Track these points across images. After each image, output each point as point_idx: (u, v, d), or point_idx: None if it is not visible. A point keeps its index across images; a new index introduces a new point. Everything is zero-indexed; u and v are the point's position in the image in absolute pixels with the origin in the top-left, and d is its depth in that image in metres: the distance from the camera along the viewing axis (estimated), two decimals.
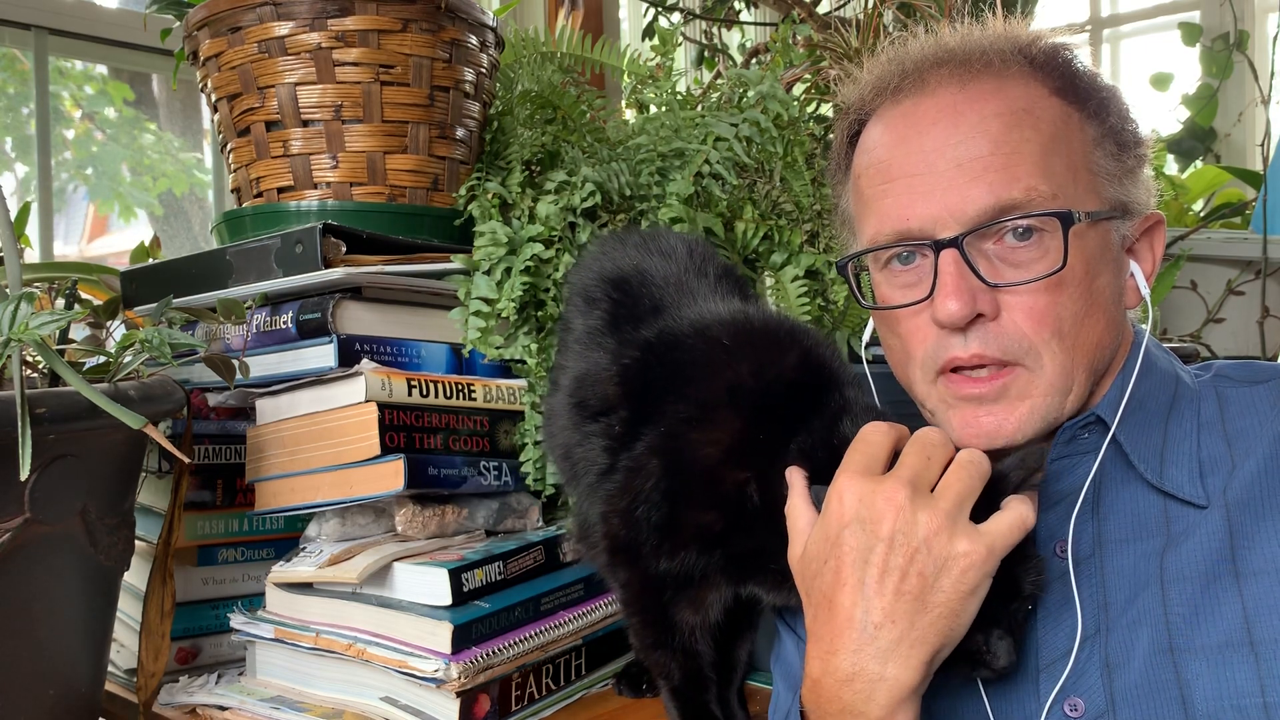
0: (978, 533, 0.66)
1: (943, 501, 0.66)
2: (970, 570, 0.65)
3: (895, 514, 0.66)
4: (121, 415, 0.77)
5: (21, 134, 2.69)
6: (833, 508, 0.69)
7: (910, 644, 0.65)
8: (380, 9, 1.16)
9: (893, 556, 0.66)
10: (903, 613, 0.65)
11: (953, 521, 0.66)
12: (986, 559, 0.65)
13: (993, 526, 0.66)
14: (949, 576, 0.65)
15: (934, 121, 0.76)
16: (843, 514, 0.68)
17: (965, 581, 0.65)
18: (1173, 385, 0.79)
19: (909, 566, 0.65)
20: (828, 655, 0.67)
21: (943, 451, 0.69)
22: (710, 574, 0.85)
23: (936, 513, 0.66)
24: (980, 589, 0.66)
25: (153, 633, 1.01)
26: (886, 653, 0.65)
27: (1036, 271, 0.73)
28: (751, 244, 1.22)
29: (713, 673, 0.92)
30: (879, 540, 0.66)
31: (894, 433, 0.71)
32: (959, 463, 0.68)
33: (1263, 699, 0.66)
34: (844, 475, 0.69)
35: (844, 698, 0.66)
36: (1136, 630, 0.71)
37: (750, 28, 2.79)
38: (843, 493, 0.69)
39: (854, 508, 0.68)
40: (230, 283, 1.14)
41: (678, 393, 0.84)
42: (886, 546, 0.66)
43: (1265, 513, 0.70)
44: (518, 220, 1.16)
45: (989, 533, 0.66)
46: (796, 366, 0.84)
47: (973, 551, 0.65)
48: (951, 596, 0.65)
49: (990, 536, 0.66)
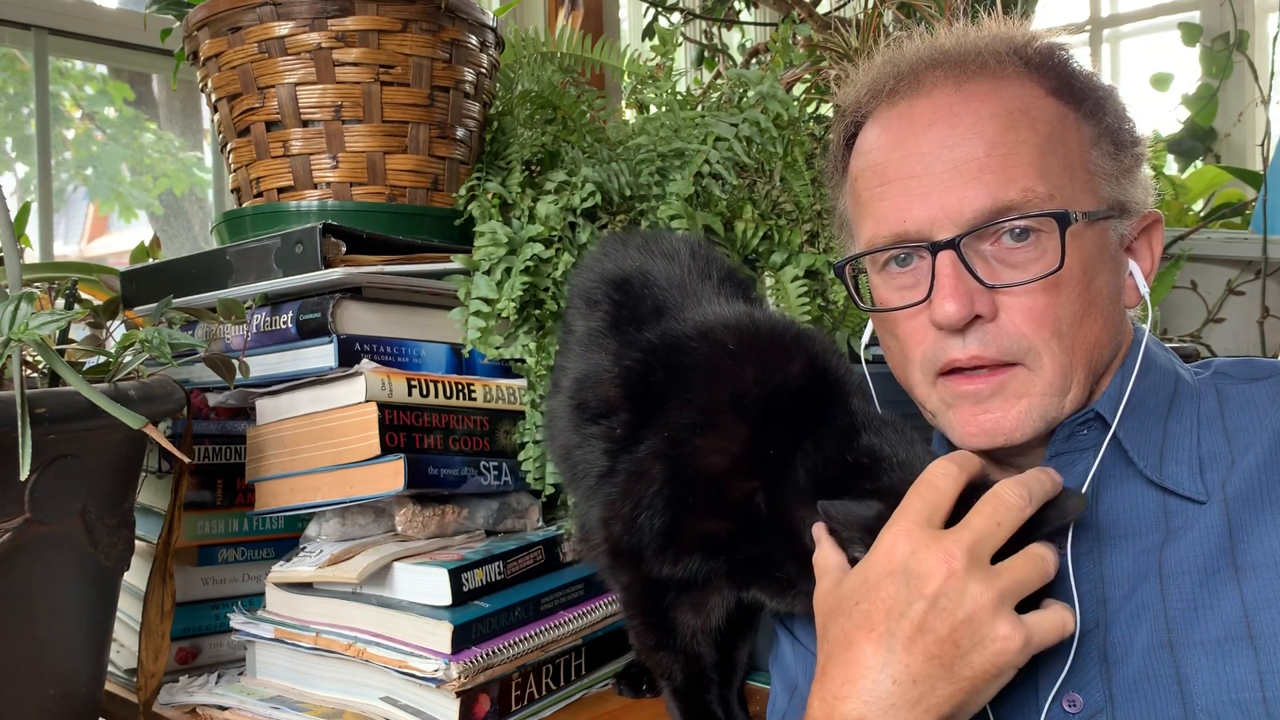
0: (1020, 621, 0.64)
1: (999, 581, 0.64)
2: (1004, 656, 0.63)
3: (947, 576, 0.64)
4: (121, 415, 0.77)
5: (21, 134, 2.69)
6: (881, 552, 0.67)
7: (925, 708, 0.63)
8: (380, 9, 1.16)
9: (932, 618, 0.64)
10: (926, 676, 0.63)
11: (1001, 602, 0.64)
12: (1022, 650, 0.63)
13: (1036, 622, 0.65)
14: (982, 655, 0.63)
15: (930, 123, 0.76)
16: (890, 562, 0.66)
17: (996, 665, 0.63)
18: (1172, 383, 0.79)
19: (946, 634, 0.63)
20: (834, 700, 0.65)
21: (1017, 517, 0.66)
22: (713, 579, 0.85)
23: (990, 589, 0.63)
24: (1005, 675, 0.64)
25: (153, 633, 1.01)
26: (899, 710, 0.63)
27: (1034, 272, 0.73)
28: (751, 244, 1.22)
29: (714, 673, 0.92)
30: (922, 598, 0.64)
31: (963, 477, 0.68)
32: (1030, 553, 0.66)
33: (1262, 693, 0.66)
34: (902, 522, 0.67)
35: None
36: (1135, 625, 0.71)
37: (750, 28, 2.79)
38: (896, 540, 0.66)
39: (904, 558, 0.65)
40: (230, 283, 1.14)
41: (681, 397, 0.84)
42: (928, 606, 0.64)
43: (1264, 507, 0.71)
44: (518, 220, 1.16)
45: (1031, 626, 0.64)
46: (802, 373, 0.83)
47: (1012, 638, 0.63)
48: (979, 674, 0.63)
49: (1030, 630, 0.64)
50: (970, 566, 0.64)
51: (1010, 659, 0.63)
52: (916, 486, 0.68)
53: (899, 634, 0.64)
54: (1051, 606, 0.66)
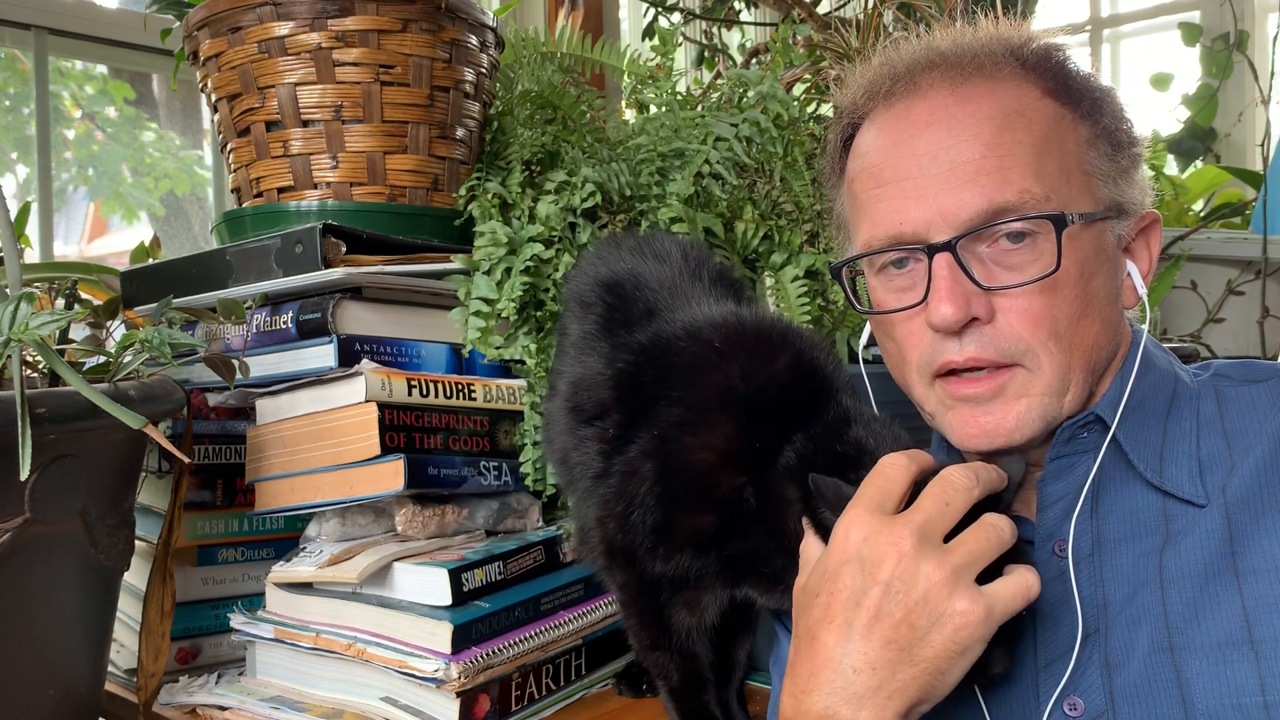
0: (979, 593, 0.63)
1: (952, 557, 0.64)
2: (964, 630, 0.62)
3: (898, 560, 0.64)
4: (121, 415, 0.77)
5: (22, 134, 2.69)
6: (836, 542, 0.67)
7: (888, 694, 0.63)
8: (380, 9, 1.16)
9: (887, 603, 0.63)
10: (885, 661, 0.63)
11: (956, 578, 0.63)
12: (984, 621, 0.63)
13: (995, 590, 0.64)
14: (940, 633, 0.63)
15: (926, 125, 0.75)
16: (845, 550, 0.66)
17: (957, 641, 0.63)
18: (1171, 384, 0.79)
19: (902, 616, 0.63)
20: (801, 695, 0.65)
21: (965, 497, 0.66)
22: (705, 576, 0.85)
23: (942, 566, 0.63)
24: (971, 651, 0.63)
25: (153, 633, 1.01)
26: (862, 699, 0.63)
27: (1030, 274, 0.73)
28: (751, 244, 1.22)
29: (711, 673, 0.92)
30: (876, 584, 0.64)
31: (913, 467, 0.68)
32: (982, 524, 0.66)
33: (1263, 697, 0.66)
34: (853, 510, 0.67)
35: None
36: (1136, 629, 0.71)
37: (750, 28, 2.80)
38: (849, 528, 0.67)
39: (857, 546, 0.66)
40: (230, 283, 1.14)
41: (670, 396, 0.84)
42: (882, 591, 0.64)
43: (1265, 510, 0.70)
44: (518, 220, 1.16)
45: (991, 595, 0.63)
46: (788, 369, 0.83)
47: (970, 611, 0.62)
48: (940, 653, 0.63)
49: (991, 599, 0.63)
50: (920, 546, 0.64)
51: (972, 632, 0.63)
52: (869, 477, 0.69)
53: (856, 623, 0.64)
54: (1013, 571, 0.65)
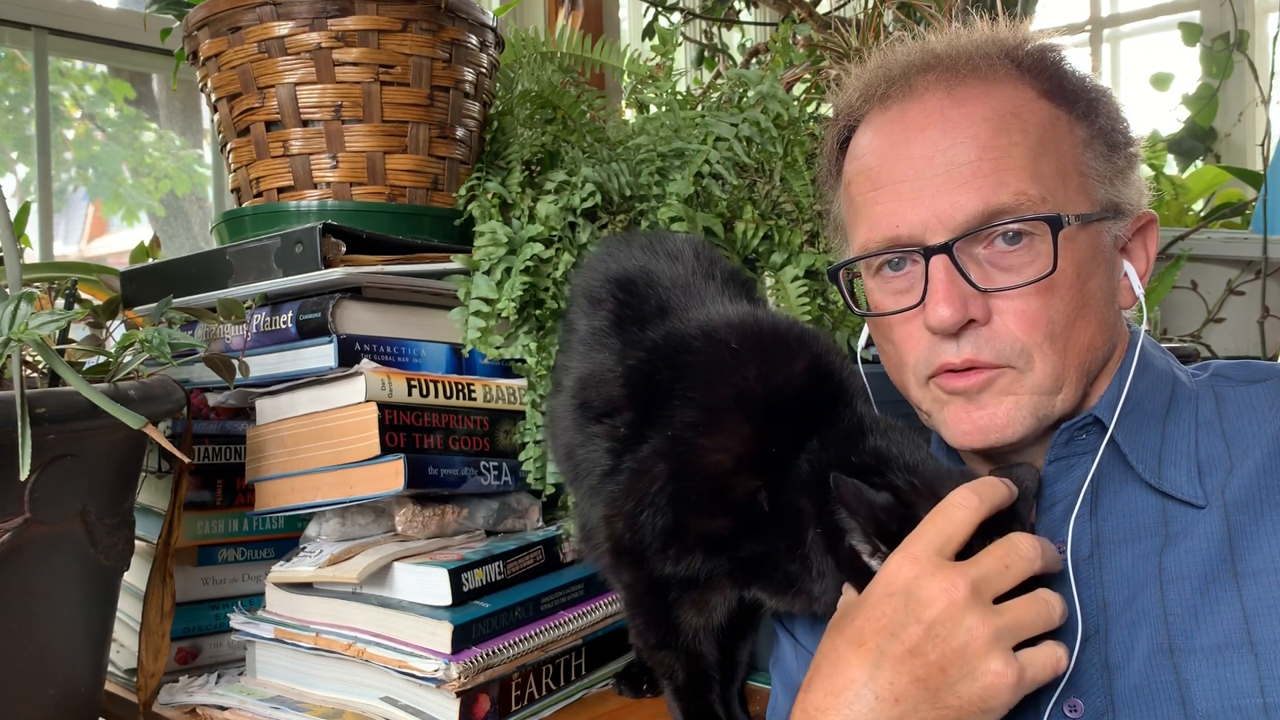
0: (1014, 659, 0.64)
1: (999, 619, 0.64)
2: (992, 691, 0.63)
3: (947, 605, 0.64)
4: (121, 415, 0.77)
5: (22, 134, 2.69)
6: (886, 573, 0.67)
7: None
8: (380, 9, 1.16)
9: (926, 644, 0.64)
10: (911, 698, 0.64)
11: (998, 639, 0.64)
12: (1014, 686, 0.63)
13: (1029, 658, 0.64)
14: (970, 687, 0.63)
15: (922, 127, 0.75)
16: (893, 584, 0.66)
17: (985, 699, 0.63)
18: (1170, 385, 0.79)
19: (937, 660, 0.63)
20: (815, 712, 0.65)
21: (1026, 566, 0.66)
22: (715, 577, 0.85)
23: (986, 624, 0.63)
24: (994, 714, 0.64)
25: (153, 633, 1.01)
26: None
27: (1027, 275, 0.73)
28: (751, 244, 1.22)
29: (716, 672, 0.92)
30: (918, 622, 0.64)
31: (983, 509, 0.67)
32: (1037, 596, 0.66)
33: (1262, 699, 0.66)
34: (912, 548, 0.67)
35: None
36: (1135, 631, 0.71)
37: (750, 28, 2.80)
38: (902, 564, 0.66)
39: (906, 582, 0.66)
40: (230, 283, 1.14)
41: (684, 396, 0.84)
42: (923, 631, 0.64)
43: (1264, 512, 0.70)
44: (518, 220, 1.16)
45: (1024, 662, 0.64)
46: (805, 373, 0.83)
47: (1004, 674, 0.63)
48: (964, 705, 0.63)
49: (1023, 665, 0.64)
50: (971, 600, 0.64)
51: (1001, 695, 0.63)
52: (933, 514, 0.68)
53: (889, 652, 0.64)
54: (1047, 643, 0.66)
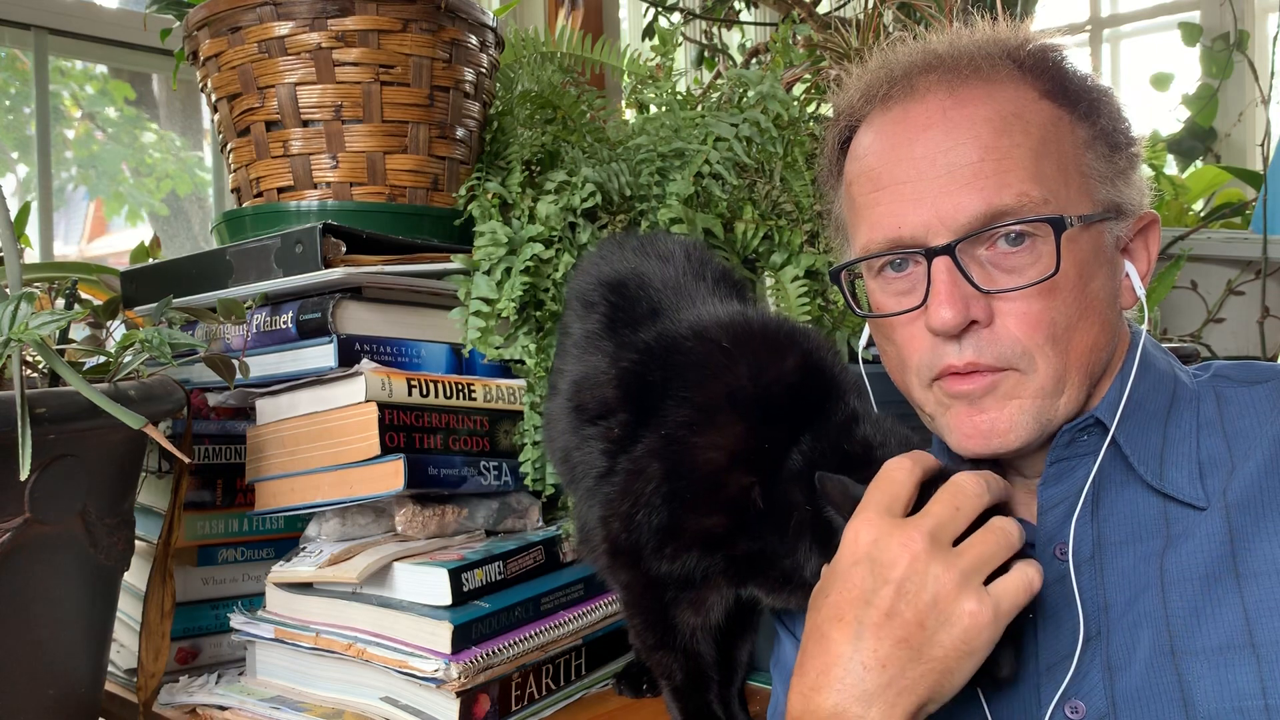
0: (986, 594, 0.64)
1: (961, 560, 0.65)
2: (973, 631, 0.64)
3: (910, 561, 0.65)
4: (121, 415, 0.77)
5: (22, 134, 2.69)
6: (847, 544, 0.68)
7: (898, 691, 0.64)
8: (380, 9, 1.16)
9: (898, 603, 0.64)
10: (896, 660, 0.64)
11: (965, 580, 0.64)
12: (992, 622, 0.64)
13: (1000, 588, 0.65)
14: (950, 633, 0.64)
15: (924, 128, 0.75)
16: (855, 551, 0.67)
17: (966, 641, 0.64)
18: (1171, 386, 0.79)
19: (912, 616, 0.64)
20: (810, 692, 0.66)
21: (975, 503, 0.67)
22: (712, 576, 0.85)
23: (951, 569, 0.64)
24: (980, 652, 0.65)
25: (153, 633, 1.01)
26: (872, 696, 0.64)
27: (1029, 277, 0.72)
28: (751, 244, 1.22)
29: (714, 672, 0.92)
30: (887, 584, 0.65)
31: (917, 469, 0.69)
32: (990, 527, 0.67)
33: (1264, 701, 0.66)
34: (863, 513, 0.68)
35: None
36: (1137, 632, 0.71)
37: (750, 28, 2.80)
38: (859, 531, 0.67)
39: (867, 547, 0.67)
40: (230, 283, 1.14)
41: (677, 396, 0.84)
42: (894, 591, 0.65)
43: (1265, 513, 0.70)
44: (518, 220, 1.16)
45: (996, 594, 0.65)
46: (796, 369, 0.83)
47: (979, 612, 0.64)
48: (949, 653, 0.64)
49: (997, 598, 0.64)
50: (932, 549, 0.65)
51: (981, 633, 0.64)
52: (875, 480, 0.70)
53: (867, 621, 0.65)
54: (1015, 567, 0.66)
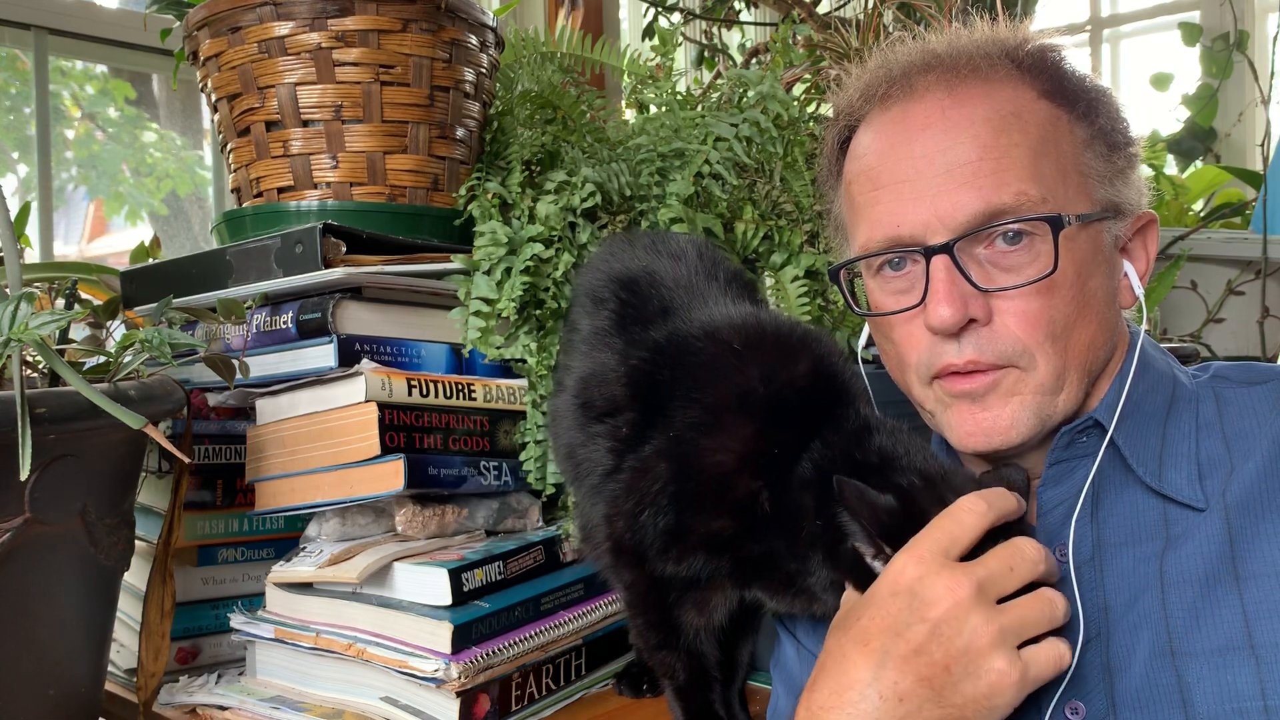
0: (1018, 657, 0.64)
1: (1003, 618, 0.64)
2: (998, 690, 0.63)
3: (952, 605, 0.64)
4: (121, 415, 0.77)
5: (23, 134, 2.69)
6: (891, 573, 0.67)
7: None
8: (380, 9, 1.16)
9: (931, 642, 0.64)
10: (916, 697, 0.64)
11: (1002, 639, 0.64)
12: (1017, 685, 0.63)
13: (1032, 656, 0.64)
14: (974, 686, 0.63)
15: (923, 127, 0.75)
16: (897, 582, 0.66)
17: (990, 698, 0.63)
18: (1170, 386, 0.79)
19: (941, 659, 0.63)
20: (820, 710, 0.66)
21: (1030, 569, 0.66)
22: (717, 577, 0.85)
23: (991, 623, 0.64)
24: (999, 711, 0.64)
25: (153, 633, 1.01)
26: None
27: (1028, 275, 0.73)
28: (751, 244, 1.22)
29: (717, 672, 0.92)
30: (924, 621, 0.64)
31: (991, 515, 0.68)
32: (1040, 595, 0.66)
33: (1263, 702, 0.66)
34: (918, 548, 0.67)
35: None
36: (1137, 633, 0.71)
37: (750, 28, 2.80)
38: (907, 564, 0.66)
39: (911, 582, 0.66)
40: (230, 283, 1.14)
41: (687, 396, 0.84)
42: (928, 631, 0.64)
43: (1265, 515, 0.70)
44: (518, 220, 1.16)
45: (1027, 660, 0.64)
46: (808, 374, 0.83)
47: (1008, 673, 0.63)
48: (969, 704, 0.63)
49: (1026, 664, 0.64)
50: (976, 600, 0.64)
51: (1005, 694, 0.63)
52: (941, 517, 0.68)
53: (893, 651, 0.64)
54: (1049, 640, 0.66)
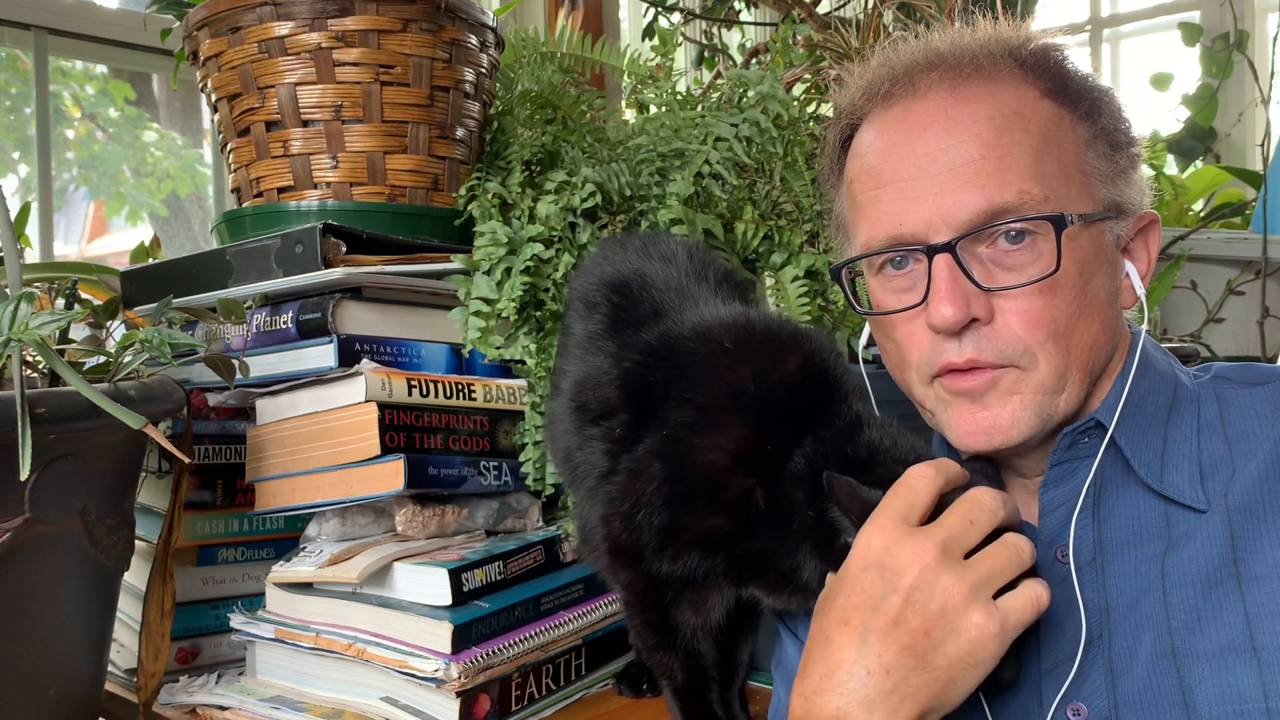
0: (995, 608, 0.64)
1: (972, 573, 0.65)
2: (979, 643, 0.64)
3: (920, 570, 0.64)
4: (121, 415, 0.77)
5: (23, 134, 2.69)
6: (858, 549, 0.68)
7: (900, 698, 0.64)
8: (380, 9, 1.16)
9: (906, 610, 0.64)
10: (900, 667, 0.64)
11: (975, 594, 0.64)
12: (998, 636, 0.64)
13: (1008, 604, 0.65)
14: (956, 645, 0.64)
15: (925, 126, 0.75)
16: (866, 557, 0.67)
17: (972, 654, 0.64)
18: (1171, 387, 0.79)
19: (919, 625, 0.64)
20: (813, 695, 0.66)
21: (989, 519, 0.67)
22: (712, 576, 0.85)
23: (961, 580, 0.64)
24: (984, 665, 0.64)
25: (153, 633, 1.01)
26: (874, 702, 0.64)
27: (1030, 274, 0.73)
28: (751, 244, 1.22)
29: (715, 672, 0.92)
30: (896, 591, 0.65)
31: (939, 479, 0.69)
32: (1004, 542, 0.67)
33: (1265, 704, 0.66)
34: (879, 520, 0.68)
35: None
36: (1139, 635, 0.71)
37: (750, 28, 2.80)
38: (872, 537, 0.67)
39: (879, 554, 0.66)
40: (230, 283, 1.14)
41: (679, 397, 0.84)
42: (903, 599, 0.65)
43: (1267, 516, 0.70)
44: (518, 220, 1.16)
45: (1004, 610, 0.64)
46: (798, 370, 0.83)
47: (986, 625, 0.63)
48: (954, 664, 0.64)
49: (1004, 613, 0.64)
50: (943, 560, 0.65)
51: (987, 646, 0.64)
52: (895, 488, 0.69)
53: (873, 626, 0.65)
54: (1024, 584, 0.66)
